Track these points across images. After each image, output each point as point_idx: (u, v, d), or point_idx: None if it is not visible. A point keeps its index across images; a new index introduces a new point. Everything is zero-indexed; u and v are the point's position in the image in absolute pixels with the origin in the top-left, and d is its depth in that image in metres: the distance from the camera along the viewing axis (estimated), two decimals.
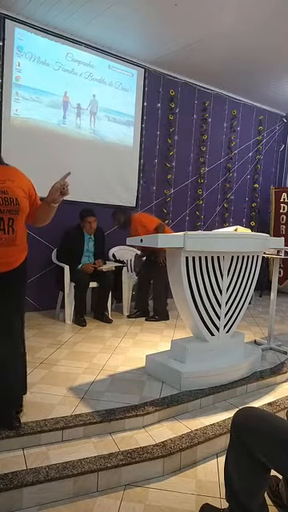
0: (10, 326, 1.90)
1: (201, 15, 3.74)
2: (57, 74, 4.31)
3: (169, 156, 5.30)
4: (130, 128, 4.95)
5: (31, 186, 1.97)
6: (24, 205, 1.87)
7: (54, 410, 2.08)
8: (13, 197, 1.82)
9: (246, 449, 1.33)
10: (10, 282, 1.88)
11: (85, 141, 4.58)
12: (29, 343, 3.20)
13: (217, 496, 1.70)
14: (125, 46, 4.54)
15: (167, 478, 1.81)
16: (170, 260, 2.52)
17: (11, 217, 1.82)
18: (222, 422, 2.14)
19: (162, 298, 4.25)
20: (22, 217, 1.89)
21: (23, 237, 1.93)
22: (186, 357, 2.50)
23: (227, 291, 2.64)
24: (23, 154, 4.12)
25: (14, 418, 1.89)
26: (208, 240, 2.46)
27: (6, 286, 1.86)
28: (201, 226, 5.74)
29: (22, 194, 1.87)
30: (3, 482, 1.57)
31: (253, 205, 6.40)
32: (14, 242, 1.86)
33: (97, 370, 2.70)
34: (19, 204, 1.84)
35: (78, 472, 1.67)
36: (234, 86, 5.51)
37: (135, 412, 2.08)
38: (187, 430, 2.06)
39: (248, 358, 2.76)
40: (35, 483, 1.60)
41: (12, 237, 1.84)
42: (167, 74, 5.14)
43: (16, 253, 1.90)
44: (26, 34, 4.07)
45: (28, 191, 1.92)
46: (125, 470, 1.75)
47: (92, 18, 3.90)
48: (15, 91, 4.06)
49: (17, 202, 1.83)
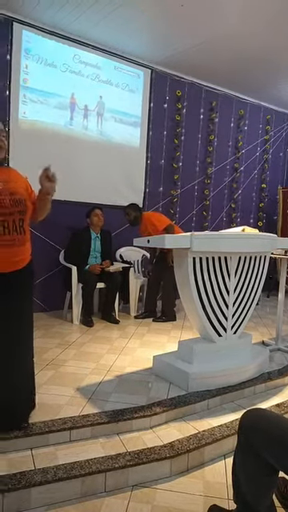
0: (21, 326, 1.92)
1: (207, 15, 3.73)
2: (64, 75, 4.34)
3: (175, 156, 5.29)
4: (136, 129, 4.96)
5: (28, 183, 2.00)
6: (28, 204, 1.90)
7: (61, 411, 2.09)
8: (21, 197, 1.84)
9: (253, 450, 1.32)
10: (22, 280, 1.91)
11: (92, 142, 4.60)
12: (36, 344, 3.22)
13: (224, 497, 1.69)
14: (131, 47, 4.55)
15: (175, 479, 1.81)
16: (177, 260, 2.52)
17: (21, 217, 1.85)
18: (230, 424, 2.13)
19: (170, 298, 4.25)
20: (28, 216, 1.92)
21: (29, 235, 1.96)
22: (194, 358, 2.50)
23: (234, 292, 2.62)
24: (31, 156, 4.14)
25: (22, 419, 1.91)
26: (215, 240, 2.45)
27: (18, 283, 1.89)
28: (208, 226, 5.72)
29: (25, 193, 1.90)
30: (12, 482, 1.58)
31: (260, 205, 6.37)
32: (25, 242, 1.90)
33: (104, 370, 2.71)
34: (25, 204, 1.86)
35: (85, 472, 1.68)
36: (241, 85, 5.49)
37: (143, 413, 2.09)
38: (195, 431, 2.06)
39: (256, 358, 2.75)
40: (43, 483, 1.60)
41: (24, 237, 1.88)
42: (174, 74, 5.14)
43: (25, 251, 1.93)
44: (34, 37, 4.10)
45: (27, 189, 1.95)
46: (132, 471, 1.75)
47: (99, 19, 3.91)
48: (23, 93, 4.10)
49: (24, 202, 1.85)
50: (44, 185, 1.89)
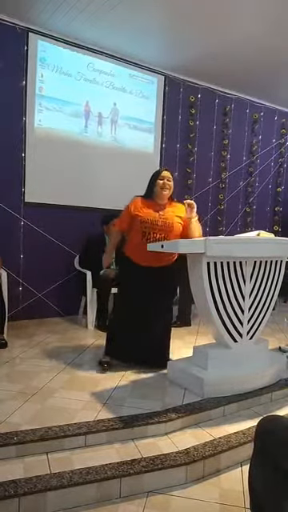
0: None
1: (220, 21, 3.74)
2: (78, 83, 4.40)
3: (189, 161, 5.30)
4: (150, 135, 4.98)
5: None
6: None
7: (77, 415, 2.09)
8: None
9: (270, 459, 1.29)
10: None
11: (106, 149, 4.64)
12: (52, 348, 3.27)
13: (241, 506, 1.67)
14: (145, 55, 4.59)
15: (190, 486, 1.79)
16: (192, 265, 2.51)
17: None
18: (247, 431, 2.10)
19: (185, 303, 4.22)
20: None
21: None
22: (209, 363, 2.48)
23: (250, 297, 2.60)
24: (47, 164, 4.22)
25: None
26: (230, 245, 2.44)
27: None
28: (223, 231, 5.69)
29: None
30: (28, 486, 1.59)
31: (276, 209, 6.30)
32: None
33: (119, 375, 2.71)
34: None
35: (101, 478, 1.68)
36: (254, 89, 5.47)
37: (158, 418, 2.08)
38: (210, 437, 2.04)
39: (272, 365, 2.71)
40: (59, 488, 1.61)
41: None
42: (187, 80, 5.16)
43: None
44: (49, 46, 4.18)
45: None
46: (148, 477, 1.74)
47: (113, 27, 3.96)
48: (39, 102, 4.17)
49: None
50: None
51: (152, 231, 2.68)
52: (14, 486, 1.59)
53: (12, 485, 1.60)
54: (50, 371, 2.72)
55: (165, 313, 2.93)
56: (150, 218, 2.71)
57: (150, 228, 2.69)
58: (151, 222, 2.70)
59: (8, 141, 4.02)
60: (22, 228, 4.15)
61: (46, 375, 2.64)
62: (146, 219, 2.71)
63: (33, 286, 4.21)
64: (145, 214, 2.74)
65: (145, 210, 2.76)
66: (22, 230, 4.15)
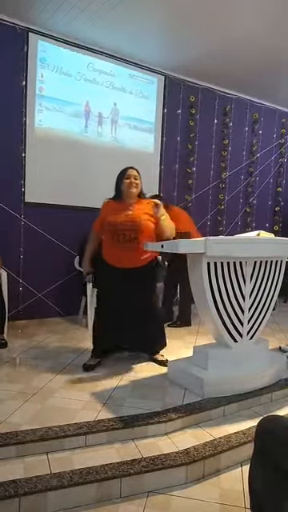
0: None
1: (220, 21, 3.74)
2: (78, 83, 4.40)
3: (189, 161, 5.30)
4: (150, 135, 4.98)
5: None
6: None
7: (77, 415, 2.09)
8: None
9: (271, 459, 1.29)
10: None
11: (106, 149, 4.64)
12: (52, 348, 3.27)
13: (241, 506, 1.67)
14: (145, 55, 4.59)
15: (190, 486, 1.79)
16: (192, 265, 2.51)
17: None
18: (247, 431, 2.10)
19: (186, 303, 4.22)
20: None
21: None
22: (209, 363, 2.48)
23: (250, 297, 2.60)
24: (47, 164, 4.22)
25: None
26: (230, 245, 2.44)
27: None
28: (223, 231, 5.69)
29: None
30: (28, 486, 1.59)
31: (276, 209, 6.30)
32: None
33: (119, 375, 2.71)
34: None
35: (101, 478, 1.68)
36: (255, 89, 5.47)
37: (158, 418, 2.08)
38: (211, 437, 2.04)
39: (273, 365, 2.71)
40: (59, 488, 1.61)
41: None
42: (187, 80, 5.16)
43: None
44: (49, 46, 4.18)
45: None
46: (148, 477, 1.74)
47: (113, 27, 3.96)
48: (39, 102, 4.17)
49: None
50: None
51: (121, 232, 2.68)
52: (14, 486, 1.59)
53: (12, 485, 1.60)
54: (50, 371, 2.72)
55: (149, 310, 2.89)
56: (118, 219, 2.71)
57: (120, 229, 2.68)
58: (120, 223, 2.69)
59: (8, 141, 4.02)
60: (21, 228, 4.15)
61: (46, 375, 2.64)
62: (115, 221, 2.70)
63: (33, 286, 4.21)
64: (113, 216, 2.74)
65: (113, 212, 2.76)
66: (21, 229, 4.15)
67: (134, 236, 2.67)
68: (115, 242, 2.71)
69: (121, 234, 2.68)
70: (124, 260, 2.71)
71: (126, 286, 2.72)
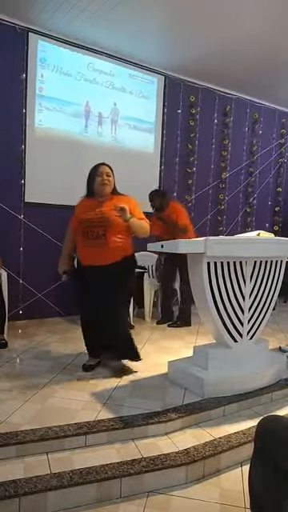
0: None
1: (220, 21, 3.75)
2: (78, 84, 4.40)
3: (189, 161, 5.30)
4: (150, 135, 4.98)
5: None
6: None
7: (77, 415, 2.09)
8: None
9: (271, 459, 1.29)
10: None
11: (106, 149, 4.64)
12: (52, 348, 3.27)
13: (241, 506, 1.67)
14: (145, 55, 4.59)
15: (190, 486, 1.79)
16: (192, 265, 2.51)
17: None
18: (247, 431, 2.10)
19: (186, 303, 4.23)
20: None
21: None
22: (209, 363, 2.48)
23: (250, 297, 2.60)
24: (47, 164, 4.22)
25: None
26: (230, 245, 2.44)
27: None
28: (223, 231, 5.69)
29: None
30: (28, 486, 1.59)
31: (276, 209, 6.30)
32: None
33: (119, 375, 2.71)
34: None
35: (101, 478, 1.68)
36: (255, 89, 5.47)
37: (158, 418, 2.08)
38: (211, 437, 2.03)
39: (273, 365, 2.71)
40: (59, 488, 1.61)
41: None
42: (187, 80, 5.16)
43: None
44: (49, 46, 4.18)
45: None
46: (148, 477, 1.74)
47: (113, 27, 3.97)
48: (39, 102, 4.17)
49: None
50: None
51: (90, 229, 2.62)
52: (14, 486, 1.59)
53: (12, 485, 1.59)
54: (50, 371, 2.72)
55: (115, 311, 2.70)
56: (88, 216, 2.65)
57: (88, 226, 2.63)
58: (88, 220, 2.63)
59: (8, 141, 4.02)
60: (21, 228, 4.15)
61: (46, 375, 2.64)
62: (84, 218, 2.65)
63: (33, 286, 4.21)
64: (84, 214, 2.68)
65: (84, 210, 2.71)
66: (21, 229, 4.16)
67: (102, 232, 2.58)
68: (84, 239, 2.65)
69: (89, 231, 2.62)
70: (92, 257, 2.63)
71: (95, 285, 2.64)
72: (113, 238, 2.59)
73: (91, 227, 2.61)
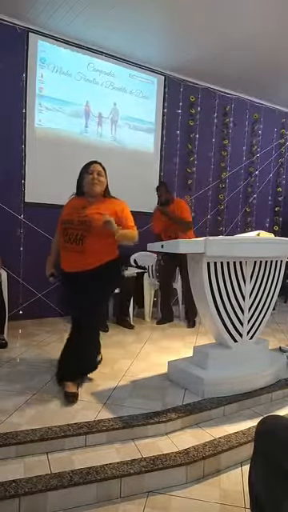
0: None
1: (220, 21, 3.74)
2: (78, 84, 4.40)
3: (189, 161, 5.30)
4: (150, 135, 4.98)
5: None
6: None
7: (77, 415, 2.09)
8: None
9: (271, 459, 1.29)
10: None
11: (106, 149, 4.64)
12: (51, 349, 3.26)
13: (241, 506, 1.67)
14: (145, 55, 4.59)
15: (190, 486, 1.79)
16: (192, 265, 2.51)
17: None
18: (247, 431, 2.10)
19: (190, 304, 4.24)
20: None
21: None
22: (209, 363, 2.48)
23: (250, 297, 2.60)
24: (47, 164, 4.22)
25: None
26: (230, 245, 2.44)
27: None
28: (223, 231, 5.69)
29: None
30: (28, 486, 1.59)
31: (276, 209, 6.30)
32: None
33: (119, 375, 2.71)
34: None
35: (101, 478, 1.68)
36: (255, 89, 5.47)
37: (158, 418, 2.08)
38: (210, 437, 2.03)
39: (272, 365, 2.71)
40: (59, 488, 1.61)
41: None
42: (187, 80, 5.16)
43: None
44: (49, 46, 4.18)
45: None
46: (148, 477, 1.74)
47: (113, 27, 3.97)
48: (39, 102, 4.17)
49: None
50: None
51: (70, 230, 2.39)
52: (14, 486, 1.59)
53: (12, 485, 1.59)
54: (50, 371, 2.71)
55: (89, 322, 2.47)
56: (69, 216, 2.43)
57: (68, 227, 2.40)
58: (68, 221, 2.41)
59: (8, 141, 4.02)
60: (21, 228, 4.15)
61: (46, 375, 2.64)
62: (66, 219, 2.44)
63: (33, 286, 4.21)
64: (67, 213, 2.48)
65: (69, 209, 2.49)
66: (22, 229, 4.15)
67: (81, 236, 2.34)
68: (65, 241, 2.41)
69: (69, 234, 2.38)
70: (71, 262, 2.40)
71: (75, 294, 2.43)
72: (93, 242, 2.33)
73: (71, 229, 2.38)
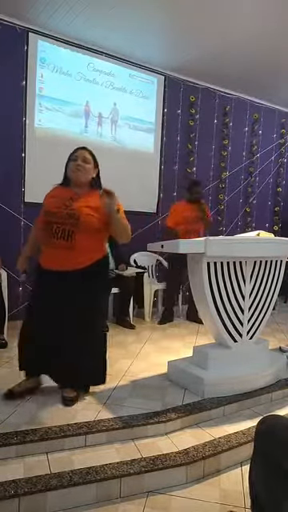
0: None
1: (220, 21, 3.74)
2: (78, 84, 4.40)
3: (189, 161, 5.30)
4: (150, 135, 4.98)
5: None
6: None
7: (77, 415, 2.09)
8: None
9: (271, 459, 1.29)
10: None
11: (106, 149, 4.63)
12: None
13: (241, 506, 1.67)
14: (145, 55, 4.59)
15: (190, 486, 1.79)
16: (192, 265, 2.51)
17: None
18: (247, 431, 2.10)
19: None
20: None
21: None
22: (209, 363, 2.48)
23: (250, 297, 2.60)
24: (47, 164, 4.21)
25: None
26: (230, 245, 2.44)
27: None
28: (223, 231, 5.69)
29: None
30: (28, 486, 1.59)
31: (276, 209, 6.30)
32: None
33: (119, 375, 2.71)
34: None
35: (101, 478, 1.68)
36: (255, 90, 5.47)
37: (158, 418, 2.08)
38: (210, 437, 2.04)
39: (272, 365, 2.71)
40: (59, 488, 1.61)
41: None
42: (187, 80, 5.16)
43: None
44: (49, 46, 4.18)
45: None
46: (148, 477, 1.74)
47: (113, 27, 3.96)
48: (39, 102, 4.17)
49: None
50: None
51: (55, 224, 2.13)
52: (14, 486, 1.59)
53: (12, 485, 1.59)
54: None
55: (83, 331, 2.19)
56: (56, 208, 2.17)
57: (54, 221, 2.14)
58: (54, 213, 2.15)
59: (8, 141, 4.01)
60: (21, 228, 4.15)
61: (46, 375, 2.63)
62: (52, 210, 2.17)
63: None
64: (50, 202, 2.22)
65: (53, 200, 2.23)
66: (21, 230, 4.15)
67: (69, 229, 2.13)
68: (50, 237, 2.16)
69: (56, 228, 2.13)
70: (55, 260, 2.16)
71: (59, 295, 2.15)
72: (83, 238, 2.13)
73: (56, 222, 2.14)
